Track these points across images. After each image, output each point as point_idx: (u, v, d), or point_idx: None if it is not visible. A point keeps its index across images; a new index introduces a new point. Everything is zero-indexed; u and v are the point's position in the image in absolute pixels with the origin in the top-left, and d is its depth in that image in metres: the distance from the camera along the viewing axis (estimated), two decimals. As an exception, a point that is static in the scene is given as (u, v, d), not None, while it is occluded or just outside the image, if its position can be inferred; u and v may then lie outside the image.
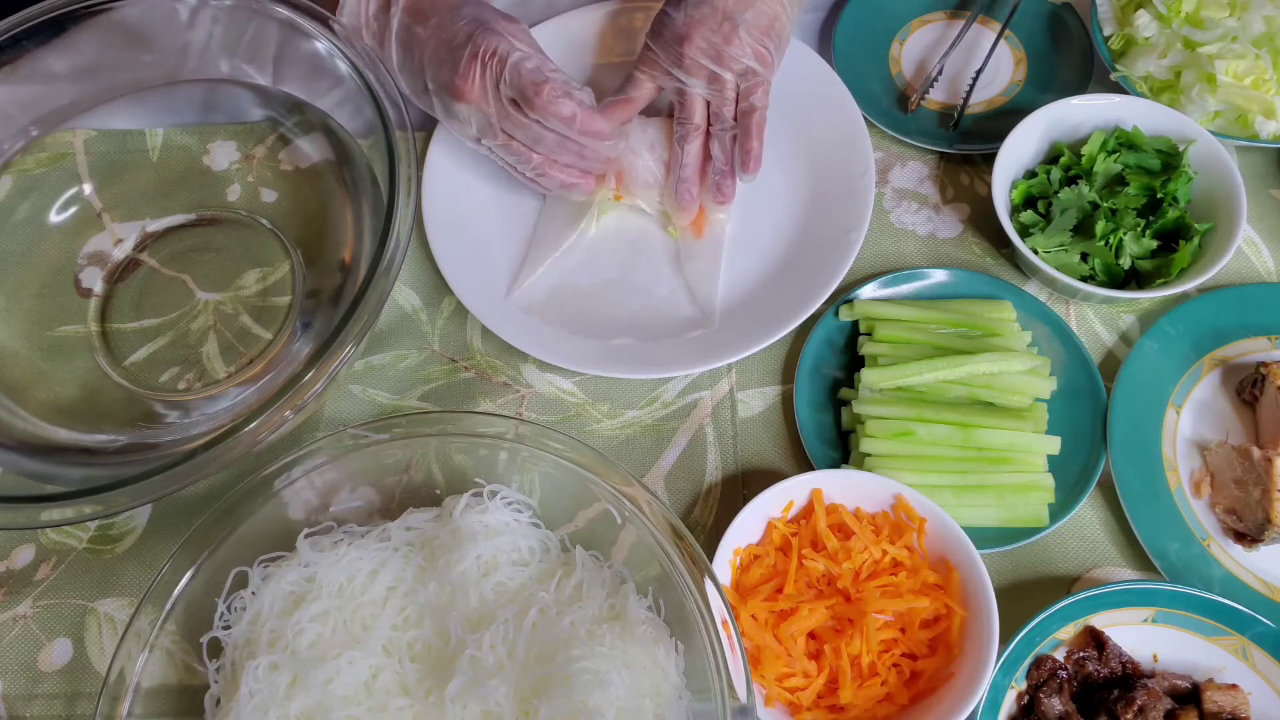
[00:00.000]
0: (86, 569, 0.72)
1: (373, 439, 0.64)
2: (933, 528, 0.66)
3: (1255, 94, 0.80)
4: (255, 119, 0.85)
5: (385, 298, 0.65)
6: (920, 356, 0.73)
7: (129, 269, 0.80)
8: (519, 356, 0.79)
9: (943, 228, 0.84)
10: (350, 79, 0.73)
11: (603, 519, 0.64)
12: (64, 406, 0.74)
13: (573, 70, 0.91)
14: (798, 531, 0.67)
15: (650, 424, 0.77)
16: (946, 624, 0.64)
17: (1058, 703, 0.62)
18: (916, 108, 0.88)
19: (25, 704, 0.68)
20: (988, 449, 0.70)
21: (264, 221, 0.82)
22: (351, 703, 0.59)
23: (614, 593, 0.63)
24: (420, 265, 0.83)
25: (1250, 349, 0.76)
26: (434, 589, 0.62)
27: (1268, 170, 0.85)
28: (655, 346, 0.77)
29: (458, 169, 0.84)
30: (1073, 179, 0.79)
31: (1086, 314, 0.79)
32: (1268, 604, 0.67)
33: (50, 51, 0.78)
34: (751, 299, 0.79)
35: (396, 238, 0.66)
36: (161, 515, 0.74)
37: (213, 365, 0.76)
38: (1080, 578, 0.70)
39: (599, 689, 0.57)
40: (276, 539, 0.65)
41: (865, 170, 0.81)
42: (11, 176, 0.79)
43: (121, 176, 0.83)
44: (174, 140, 0.85)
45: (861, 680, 0.63)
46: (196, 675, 0.62)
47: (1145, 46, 0.84)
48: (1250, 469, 0.68)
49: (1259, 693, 0.63)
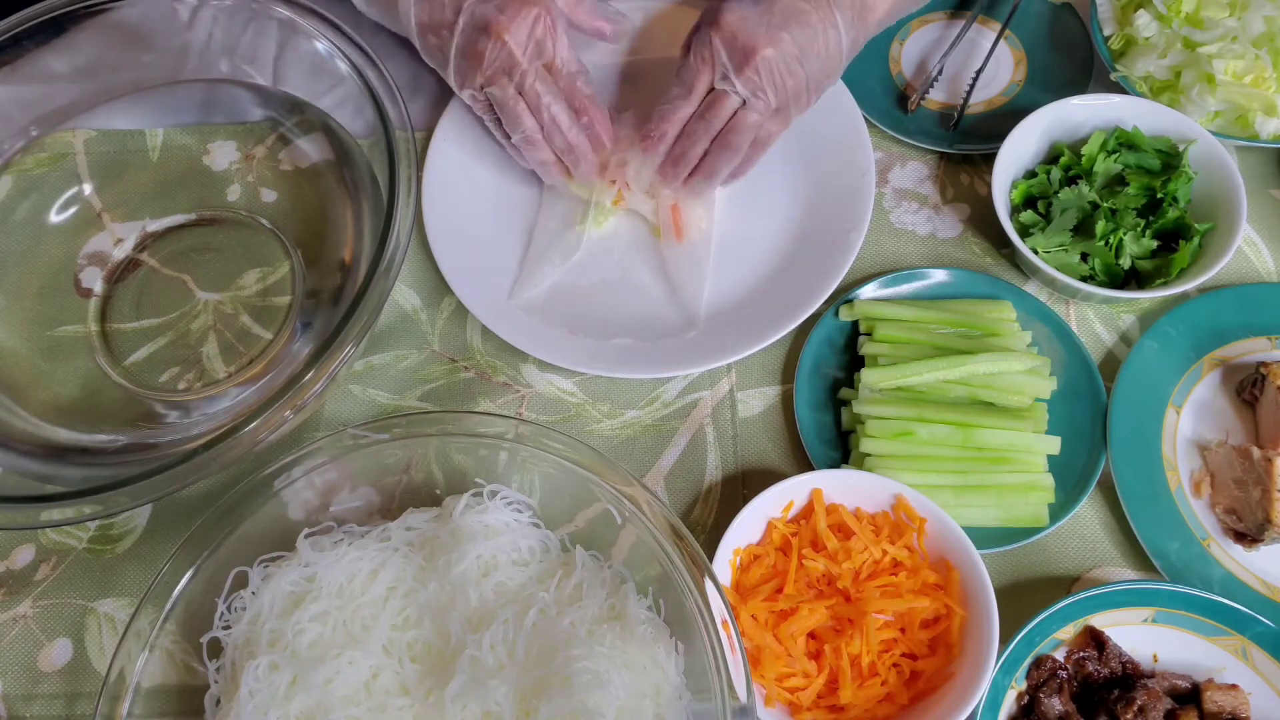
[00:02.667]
0: (86, 569, 0.72)
1: (373, 439, 0.64)
2: (933, 528, 0.66)
3: (1255, 91, 0.80)
4: (255, 119, 0.85)
5: (385, 298, 0.65)
6: (920, 356, 0.73)
7: (129, 269, 0.80)
8: (519, 356, 0.79)
9: (943, 228, 0.84)
10: (350, 79, 0.73)
11: (603, 519, 0.64)
12: (64, 406, 0.74)
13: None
14: (798, 531, 0.67)
15: (650, 424, 0.77)
16: (946, 624, 0.64)
17: (1058, 703, 0.62)
18: (916, 108, 0.88)
19: (25, 704, 0.68)
20: (988, 449, 0.70)
21: (264, 221, 0.82)
22: (351, 703, 0.59)
23: (614, 593, 0.63)
24: (420, 265, 0.83)
25: (1250, 349, 0.76)
26: (434, 589, 0.63)
27: (1268, 170, 0.85)
28: (655, 346, 0.77)
29: (458, 169, 0.84)
30: (1073, 179, 0.79)
31: (1086, 314, 0.79)
32: (1268, 604, 0.67)
33: (50, 51, 0.78)
34: (751, 298, 0.79)
35: (396, 238, 0.66)
36: (161, 515, 0.74)
37: (213, 365, 0.76)
38: (1080, 578, 0.70)
39: (599, 689, 0.57)
40: (276, 539, 0.65)
41: (865, 170, 0.81)
42: (11, 176, 0.79)
43: (121, 176, 0.83)
44: (174, 140, 0.85)
45: (861, 680, 0.63)
46: (196, 675, 0.62)
47: (1145, 46, 0.84)
48: (1250, 469, 0.68)
49: (1259, 693, 0.63)
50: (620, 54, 0.92)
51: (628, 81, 0.90)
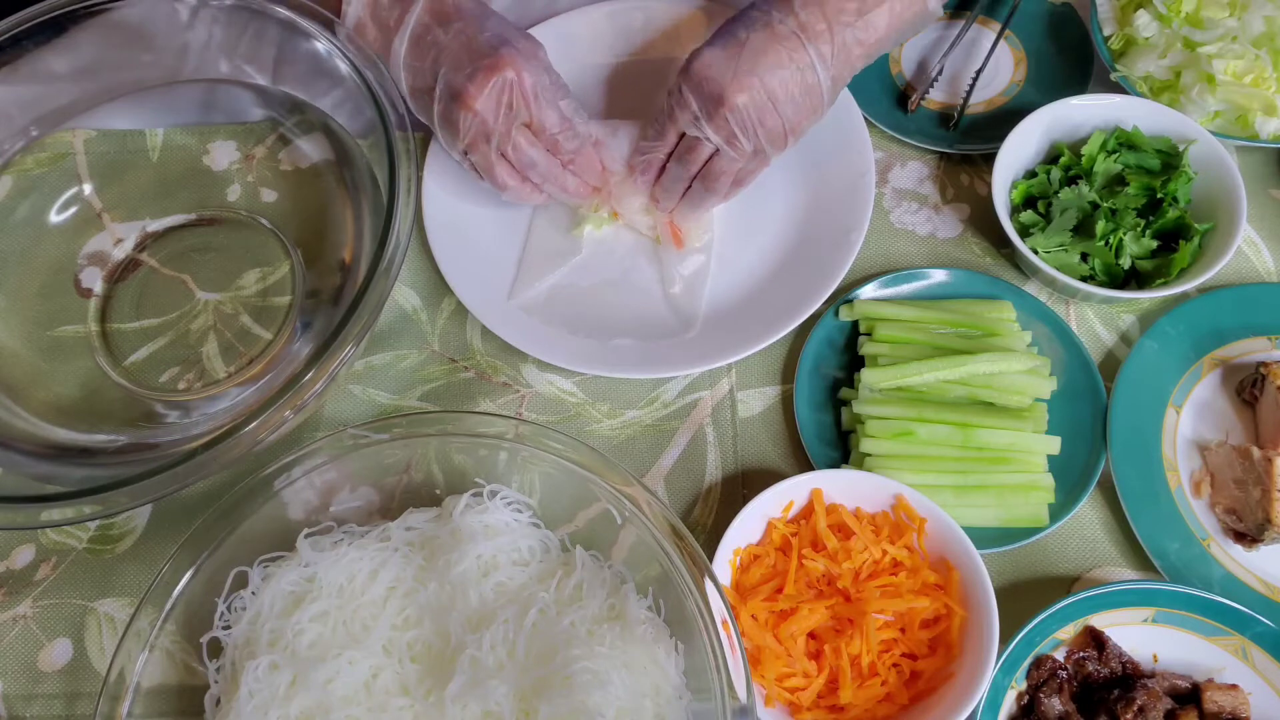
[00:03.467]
0: (86, 569, 0.72)
1: (373, 439, 0.64)
2: (933, 528, 0.66)
3: (1255, 91, 0.80)
4: (255, 119, 0.85)
5: (385, 298, 0.65)
6: (920, 356, 0.73)
7: (129, 269, 0.80)
8: (519, 356, 0.79)
9: (943, 228, 0.84)
10: (350, 79, 0.73)
11: (603, 519, 0.64)
12: (64, 406, 0.74)
13: (572, 70, 0.91)
14: (798, 531, 0.67)
15: (650, 424, 0.76)
16: (946, 624, 0.64)
17: (1058, 703, 0.62)
18: (916, 108, 0.88)
19: (25, 704, 0.68)
20: (988, 449, 0.70)
21: (264, 221, 0.82)
22: (351, 703, 0.59)
23: (614, 593, 0.63)
24: (420, 265, 0.83)
25: (1250, 349, 0.76)
26: (434, 589, 0.63)
27: (1268, 170, 0.85)
28: (655, 347, 0.77)
29: (458, 169, 0.84)
30: (1073, 179, 0.79)
31: (1086, 314, 0.79)
32: (1268, 604, 0.67)
33: (50, 51, 0.78)
34: (751, 298, 0.79)
35: (396, 238, 0.66)
36: (161, 515, 0.74)
37: (213, 365, 0.76)
38: (1080, 578, 0.70)
39: (599, 689, 0.57)
40: (276, 539, 0.65)
41: (865, 170, 0.81)
42: (11, 176, 0.79)
43: (121, 176, 0.83)
44: (174, 140, 0.85)
45: (861, 680, 0.63)
46: (196, 675, 0.62)
47: (1145, 46, 0.84)
48: (1250, 469, 0.68)
49: (1259, 693, 0.63)
50: (620, 54, 0.92)
51: (628, 82, 0.90)
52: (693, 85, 0.70)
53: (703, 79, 0.70)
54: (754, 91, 0.69)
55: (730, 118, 0.70)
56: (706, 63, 0.70)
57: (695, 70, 0.70)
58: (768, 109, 0.70)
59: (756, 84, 0.69)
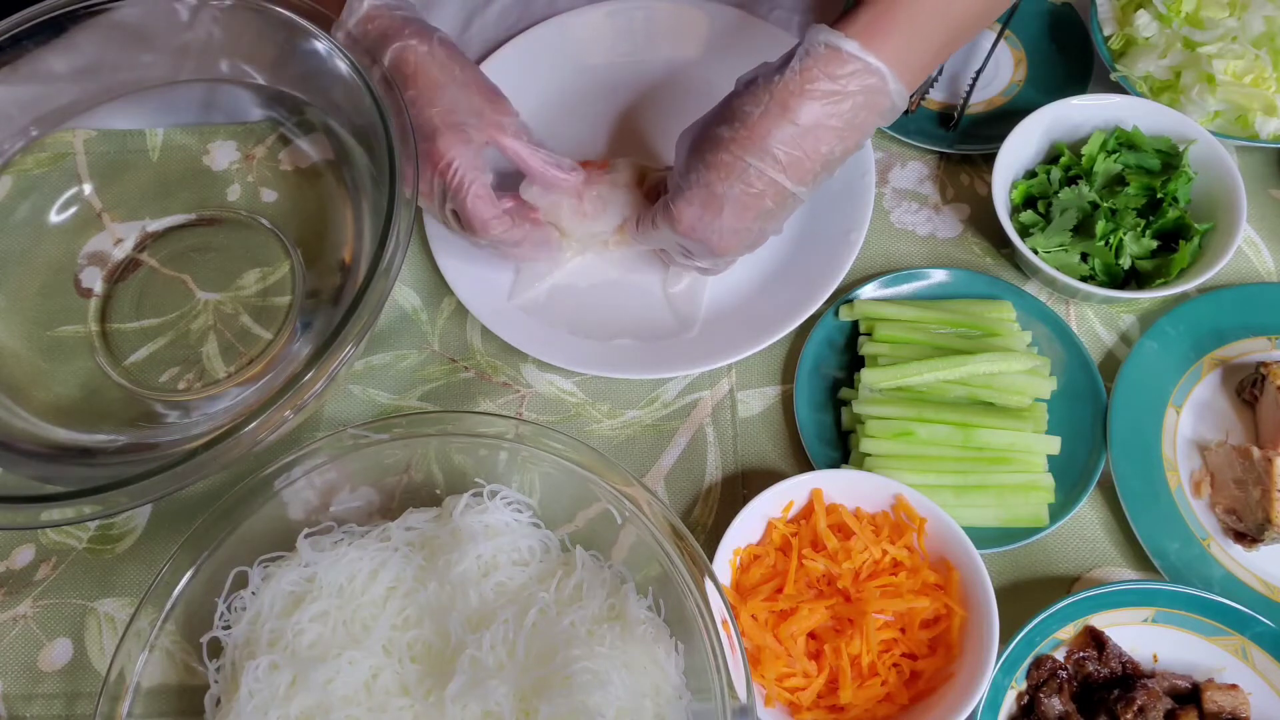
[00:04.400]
0: (86, 569, 0.72)
1: (373, 439, 0.64)
2: (933, 528, 0.66)
3: (1256, 91, 0.80)
4: (255, 119, 0.85)
5: (385, 298, 0.65)
6: (920, 356, 0.73)
7: (129, 269, 0.80)
8: (519, 356, 0.79)
9: (943, 228, 0.84)
10: (350, 79, 0.73)
11: (603, 519, 0.64)
12: (64, 406, 0.74)
13: (572, 70, 0.91)
14: (798, 531, 0.67)
15: (650, 424, 0.76)
16: (946, 624, 0.64)
17: (1058, 703, 0.62)
18: (916, 108, 0.88)
19: (25, 704, 0.68)
20: (988, 449, 0.70)
21: (264, 221, 0.82)
22: (351, 703, 0.59)
23: (614, 593, 0.63)
24: (420, 265, 0.83)
25: (1250, 349, 0.76)
26: (434, 589, 0.62)
27: (1268, 170, 0.85)
28: (655, 347, 0.77)
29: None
30: (1073, 179, 0.79)
31: (1086, 314, 0.79)
32: (1268, 604, 0.67)
33: (50, 51, 0.78)
34: (751, 299, 0.79)
35: (396, 238, 0.66)
36: (161, 515, 0.74)
37: (213, 365, 0.76)
38: (1080, 578, 0.70)
39: (599, 689, 0.57)
40: (276, 539, 0.65)
41: (865, 170, 0.81)
42: (11, 176, 0.79)
43: (121, 176, 0.83)
44: (174, 140, 0.85)
45: (861, 680, 0.63)
46: (196, 675, 0.62)
47: (1145, 46, 0.84)
48: (1250, 469, 0.68)
49: (1259, 693, 0.63)
50: (620, 54, 0.92)
51: (628, 82, 0.90)
52: (680, 234, 0.69)
53: (689, 231, 0.68)
54: (742, 236, 0.68)
55: (721, 262, 0.72)
56: (691, 225, 0.67)
57: (684, 222, 0.67)
58: (754, 238, 0.69)
59: (744, 234, 0.68)
